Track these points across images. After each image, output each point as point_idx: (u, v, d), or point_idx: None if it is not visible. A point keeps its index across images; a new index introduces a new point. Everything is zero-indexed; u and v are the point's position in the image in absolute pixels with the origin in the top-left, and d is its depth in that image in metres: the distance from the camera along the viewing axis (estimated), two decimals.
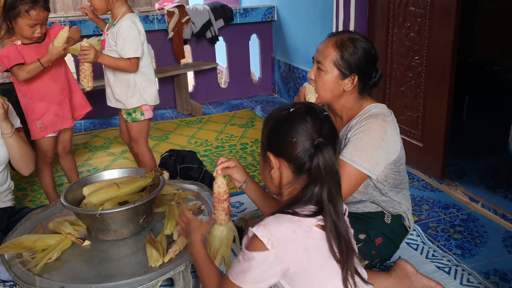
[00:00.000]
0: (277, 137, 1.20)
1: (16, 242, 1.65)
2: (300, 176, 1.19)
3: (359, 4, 3.23)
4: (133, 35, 2.35)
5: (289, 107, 1.22)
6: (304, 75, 4.24)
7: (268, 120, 1.25)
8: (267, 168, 1.24)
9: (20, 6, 2.18)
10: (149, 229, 1.78)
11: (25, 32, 2.24)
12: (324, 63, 1.68)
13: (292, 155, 1.17)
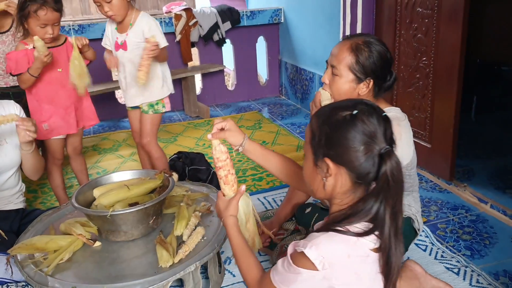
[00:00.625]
0: (339, 143, 1.06)
1: (29, 243, 1.67)
2: (359, 186, 1.09)
3: (366, 6, 3.23)
4: (159, 27, 2.49)
5: (349, 108, 1.08)
6: (312, 77, 4.25)
7: (324, 121, 1.10)
8: (319, 174, 1.12)
9: (29, 7, 2.22)
10: (159, 230, 1.79)
11: (36, 33, 2.27)
12: (338, 67, 1.66)
13: (355, 164, 1.05)
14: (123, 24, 2.48)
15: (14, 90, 3.00)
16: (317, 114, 1.14)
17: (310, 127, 1.14)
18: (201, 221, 1.85)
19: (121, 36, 2.48)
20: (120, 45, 2.49)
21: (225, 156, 1.45)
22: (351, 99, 1.16)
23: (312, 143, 1.12)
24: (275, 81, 5.06)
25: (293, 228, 2.08)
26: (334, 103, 1.18)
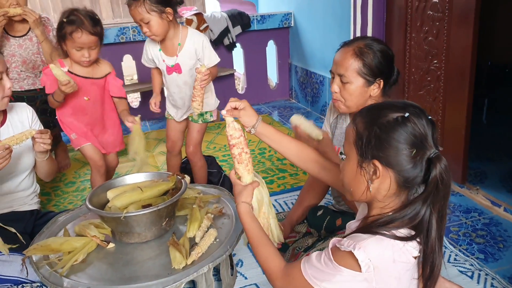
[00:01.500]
0: (390, 145, 1.03)
1: (44, 244, 1.70)
2: (404, 190, 1.07)
3: (376, 9, 3.23)
4: (209, 43, 2.43)
5: (399, 109, 1.06)
6: (322, 80, 4.26)
7: (373, 122, 1.07)
8: (364, 176, 1.09)
9: (66, 28, 2.22)
10: (172, 232, 1.81)
11: (72, 56, 2.28)
12: (346, 74, 1.67)
13: (404, 167, 1.03)
14: (170, 46, 2.39)
15: (28, 94, 3.05)
16: (363, 114, 1.11)
17: (355, 127, 1.10)
18: (213, 223, 1.85)
19: (170, 59, 2.41)
20: (172, 68, 2.42)
21: (239, 133, 1.41)
22: (397, 101, 1.12)
23: (358, 144, 1.09)
24: (285, 85, 5.07)
25: (304, 230, 2.08)
26: (380, 104, 1.13)
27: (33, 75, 3.09)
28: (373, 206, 1.13)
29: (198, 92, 2.29)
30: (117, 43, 4.24)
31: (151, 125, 4.47)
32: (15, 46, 2.96)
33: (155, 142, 3.92)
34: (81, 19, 2.22)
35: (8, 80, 1.90)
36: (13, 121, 2.06)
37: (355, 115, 1.14)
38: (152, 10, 2.20)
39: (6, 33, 2.96)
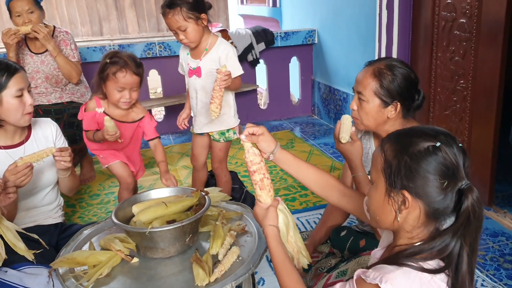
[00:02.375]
0: (420, 175, 1.01)
1: (70, 257, 1.71)
2: (433, 221, 1.05)
3: (402, 28, 3.23)
4: (235, 55, 2.44)
5: (430, 138, 1.03)
6: (345, 97, 4.25)
7: (403, 151, 1.04)
8: (391, 206, 1.06)
9: (109, 69, 2.22)
10: (195, 248, 1.81)
11: (113, 97, 2.28)
12: (364, 93, 1.69)
13: (435, 198, 1.01)
14: (197, 50, 2.42)
15: (55, 107, 3.13)
16: (392, 141, 1.08)
17: (383, 153, 1.07)
18: (236, 240, 1.85)
19: (194, 61, 2.44)
20: (193, 71, 2.44)
21: (259, 159, 1.39)
22: (427, 127, 1.09)
23: (386, 172, 1.05)
24: (307, 101, 5.08)
25: (327, 251, 2.06)
26: (409, 130, 1.10)
27: (60, 89, 3.17)
28: (399, 235, 1.10)
29: (217, 94, 2.24)
30: (143, 58, 4.32)
31: (174, 139, 4.52)
32: (38, 63, 3.05)
33: (178, 156, 3.96)
34: (124, 60, 2.24)
35: (29, 96, 1.92)
36: (37, 137, 2.10)
37: (382, 140, 1.12)
38: (189, 17, 2.24)
39: (29, 51, 3.06)
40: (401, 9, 3.20)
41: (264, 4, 6.20)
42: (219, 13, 10.16)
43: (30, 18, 2.93)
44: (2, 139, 1.96)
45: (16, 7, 2.93)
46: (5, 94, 1.84)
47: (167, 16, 2.26)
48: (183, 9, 2.22)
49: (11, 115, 1.88)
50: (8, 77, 1.83)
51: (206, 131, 2.59)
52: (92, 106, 2.37)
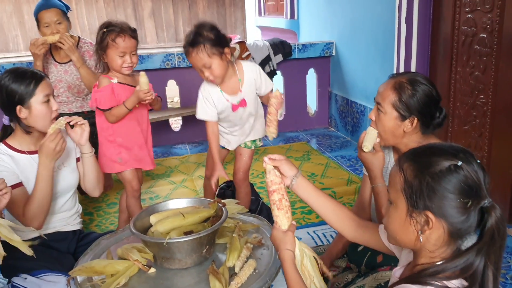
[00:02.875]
0: (443, 196, 1.00)
1: (88, 266, 1.74)
2: (455, 240, 1.04)
3: (421, 42, 3.22)
4: (264, 72, 2.48)
5: (450, 156, 1.02)
6: (362, 110, 4.24)
7: (423, 170, 1.03)
8: (413, 225, 1.05)
9: (108, 37, 2.31)
10: (211, 260, 1.82)
11: (115, 64, 2.35)
12: (383, 104, 1.70)
13: (458, 218, 1.00)
14: (231, 84, 2.39)
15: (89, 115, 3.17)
16: (411, 160, 1.07)
17: (402, 173, 1.06)
18: (253, 253, 1.85)
19: (235, 97, 2.41)
20: (238, 105, 2.43)
21: (279, 180, 1.40)
22: (445, 144, 1.09)
23: (407, 192, 1.04)
24: (324, 113, 5.08)
25: (344, 265, 2.05)
26: (428, 148, 1.09)
27: (81, 98, 3.23)
28: (421, 254, 1.09)
29: (274, 117, 2.30)
30: (162, 68, 4.37)
31: (190, 149, 4.55)
32: (62, 72, 3.11)
33: (194, 165, 3.99)
34: (120, 26, 2.34)
35: (54, 102, 2.00)
36: None
37: (400, 158, 1.10)
38: (213, 54, 2.21)
39: (53, 60, 3.12)
40: (420, 23, 3.20)
41: (282, 16, 6.24)
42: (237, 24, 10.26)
43: (58, 29, 2.99)
44: (26, 145, 2.02)
45: (45, 18, 2.99)
46: (33, 101, 1.91)
47: (191, 55, 2.24)
48: (206, 46, 2.19)
49: (40, 121, 1.95)
50: (36, 84, 1.91)
51: (237, 145, 2.63)
52: (105, 81, 2.40)
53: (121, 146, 2.52)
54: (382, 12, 3.69)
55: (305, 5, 5.54)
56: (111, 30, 2.32)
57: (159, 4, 9.74)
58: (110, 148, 2.51)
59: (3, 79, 1.91)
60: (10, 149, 1.99)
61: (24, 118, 1.94)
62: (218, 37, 2.24)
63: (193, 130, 4.65)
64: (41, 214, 1.95)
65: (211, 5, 10.05)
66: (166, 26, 9.85)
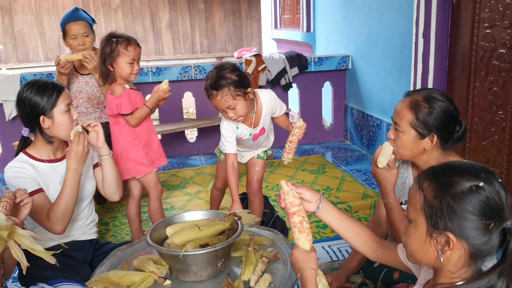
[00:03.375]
0: (464, 217, 0.99)
1: (105, 276, 1.75)
2: (477, 261, 1.04)
3: (438, 57, 3.21)
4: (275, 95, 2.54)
5: (471, 176, 1.01)
6: (379, 124, 4.22)
7: (445, 191, 1.02)
8: (433, 246, 1.05)
9: (118, 46, 2.40)
10: (226, 273, 1.82)
11: (125, 72, 2.43)
12: (400, 124, 1.69)
13: (480, 240, 1.00)
14: (249, 119, 2.45)
15: None
16: (431, 179, 1.06)
17: (422, 192, 1.05)
18: (268, 267, 1.85)
19: (254, 129, 2.49)
20: (258, 134, 2.53)
21: (299, 201, 1.39)
22: (465, 163, 1.08)
23: (427, 212, 1.04)
24: (339, 126, 5.07)
25: (360, 281, 2.03)
26: (448, 167, 1.09)
27: (99, 109, 3.28)
28: (441, 273, 1.08)
29: (295, 145, 2.37)
30: (179, 80, 4.42)
31: (205, 160, 4.57)
32: (82, 83, 3.16)
33: (209, 177, 4.00)
34: (127, 36, 2.46)
35: (74, 111, 2.06)
36: None
37: (419, 177, 1.10)
38: (237, 95, 2.24)
39: (75, 71, 3.18)
40: (438, 38, 3.19)
41: (298, 29, 6.27)
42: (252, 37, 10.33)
43: (84, 41, 3.06)
44: (46, 154, 2.07)
45: (73, 30, 3.05)
46: (56, 111, 1.97)
47: (215, 98, 2.25)
48: (230, 88, 2.22)
49: (62, 130, 2.00)
50: (58, 95, 1.98)
51: (252, 156, 2.69)
52: (120, 88, 2.47)
53: (145, 147, 2.58)
54: (400, 26, 3.69)
55: (322, 18, 5.56)
56: (121, 40, 2.42)
57: (176, 16, 9.86)
58: (136, 152, 2.57)
59: (25, 92, 1.96)
60: (31, 158, 2.03)
61: (47, 128, 1.99)
62: (240, 77, 2.26)
63: (208, 142, 4.67)
64: (66, 218, 1.99)
65: (228, 17, 10.13)
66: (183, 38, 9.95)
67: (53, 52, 9.25)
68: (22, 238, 1.52)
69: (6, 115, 4.08)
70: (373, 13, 4.18)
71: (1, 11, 9.10)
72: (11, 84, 4.02)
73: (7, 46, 9.04)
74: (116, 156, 2.58)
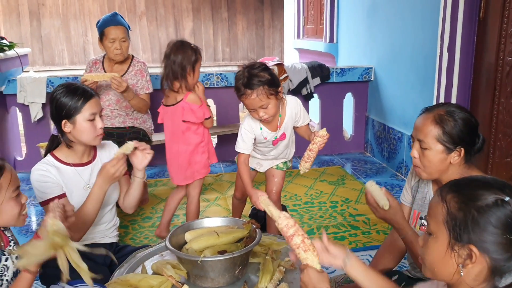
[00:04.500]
0: (488, 230, 0.99)
1: (124, 279, 1.77)
2: (496, 277, 1.03)
3: (463, 71, 3.18)
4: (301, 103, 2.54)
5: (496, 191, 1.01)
6: (400, 136, 4.19)
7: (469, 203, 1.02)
8: (453, 259, 1.05)
9: (197, 53, 2.62)
10: (244, 281, 1.82)
11: (196, 77, 2.64)
12: (426, 140, 1.66)
13: (502, 255, 0.99)
14: (273, 121, 2.43)
15: (118, 131, 3.27)
16: (455, 191, 1.06)
17: (445, 205, 1.05)
18: (285, 276, 1.85)
19: (274, 133, 2.47)
20: (278, 139, 2.50)
21: (293, 221, 1.37)
22: (491, 178, 1.08)
23: (450, 224, 1.04)
24: (360, 137, 5.04)
25: None
26: (472, 180, 1.08)
27: (124, 113, 3.32)
28: None
29: (314, 155, 2.35)
30: None
31: (224, 167, 4.59)
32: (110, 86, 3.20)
33: (227, 184, 4.02)
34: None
35: (100, 120, 2.06)
36: (103, 158, 2.21)
37: (442, 189, 1.09)
38: (270, 94, 2.24)
39: (104, 72, 3.24)
40: (463, 52, 3.16)
41: (321, 39, 6.28)
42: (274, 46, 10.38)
43: (121, 46, 3.12)
44: (72, 158, 2.10)
45: (112, 33, 3.12)
46: (79, 117, 1.99)
47: (249, 96, 2.23)
48: (265, 87, 2.21)
49: (83, 136, 2.03)
50: (84, 102, 1.99)
51: (271, 166, 2.68)
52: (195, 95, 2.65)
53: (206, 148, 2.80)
54: (424, 39, 3.67)
55: (345, 29, 5.57)
56: (198, 49, 2.64)
57: (199, 24, 9.97)
58: (203, 154, 2.78)
59: (56, 91, 2.00)
60: (57, 160, 2.07)
61: (68, 132, 2.02)
62: (272, 76, 2.26)
63: (227, 149, 4.69)
64: (84, 229, 2.02)
65: (250, 26, 10.21)
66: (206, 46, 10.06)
67: (78, 56, 9.45)
68: (72, 252, 1.55)
69: (31, 116, 4.17)
70: (397, 26, 4.16)
71: (30, 15, 9.34)
72: (38, 86, 4.11)
73: (34, 49, 9.26)
74: (183, 161, 2.74)
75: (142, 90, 3.30)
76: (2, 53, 4.06)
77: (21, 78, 4.15)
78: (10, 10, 9.29)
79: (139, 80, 3.29)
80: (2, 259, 1.58)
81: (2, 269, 1.58)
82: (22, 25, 9.37)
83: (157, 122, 2.89)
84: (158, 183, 4.05)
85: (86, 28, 9.25)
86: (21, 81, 4.11)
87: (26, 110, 4.24)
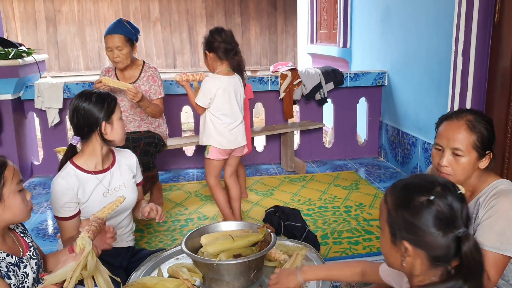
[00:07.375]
0: (418, 228, 1.12)
1: (140, 282, 1.80)
2: (437, 267, 1.14)
3: (477, 76, 3.16)
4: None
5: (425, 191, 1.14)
6: (414, 141, 4.17)
7: (401, 205, 1.17)
8: (397, 253, 1.19)
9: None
10: (258, 285, 1.84)
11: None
12: (462, 148, 1.65)
13: (434, 248, 1.12)
14: None
15: (133, 135, 3.32)
16: (393, 194, 1.21)
17: (386, 207, 1.21)
18: None
19: None
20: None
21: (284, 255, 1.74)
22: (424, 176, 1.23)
23: (389, 223, 1.20)
24: (374, 142, 5.03)
25: None
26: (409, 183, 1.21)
27: (139, 118, 3.37)
28: (412, 278, 1.21)
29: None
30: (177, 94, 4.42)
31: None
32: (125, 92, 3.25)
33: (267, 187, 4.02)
34: None
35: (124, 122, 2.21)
36: (120, 164, 2.26)
37: (387, 191, 1.24)
38: None
39: (117, 79, 3.29)
40: (477, 57, 3.15)
41: (334, 44, 6.29)
42: (287, 51, 10.40)
43: (118, 54, 3.17)
44: (92, 164, 2.14)
45: (109, 42, 3.18)
46: (115, 117, 2.11)
47: None
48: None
49: (119, 134, 2.14)
50: (115, 103, 2.13)
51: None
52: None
53: None
54: (438, 43, 3.66)
55: (358, 34, 5.56)
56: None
57: None
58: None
59: (81, 102, 2.05)
60: (78, 168, 2.10)
61: (106, 133, 2.09)
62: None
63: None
64: None
65: (263, 31, 10.25)
66: None
67: (93, 62, 9.58)
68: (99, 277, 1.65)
69: (49, 121, 4.24)
70: (411, 30, 4.15)
71: (46, 21, 9.51)
72: (55, 92, 4.18)
73: (50, 55, 9.42)
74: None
75: (155, 95, 3.35)
76: (21, 59, 4.14)
77: (38, 83, 4.22)
78: (27, 16, 9.47)
79: (151, 85, 3.34)
80: (21, 267, 1.62)
81: (22, 276, 1.62)
82: (39, 31, 9.54)
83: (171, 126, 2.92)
84: (172, 187, 4.08)
85: (101, 34, 9.37)
86: (38, 87, 4.19)
87: (43, 115, 4.32)
